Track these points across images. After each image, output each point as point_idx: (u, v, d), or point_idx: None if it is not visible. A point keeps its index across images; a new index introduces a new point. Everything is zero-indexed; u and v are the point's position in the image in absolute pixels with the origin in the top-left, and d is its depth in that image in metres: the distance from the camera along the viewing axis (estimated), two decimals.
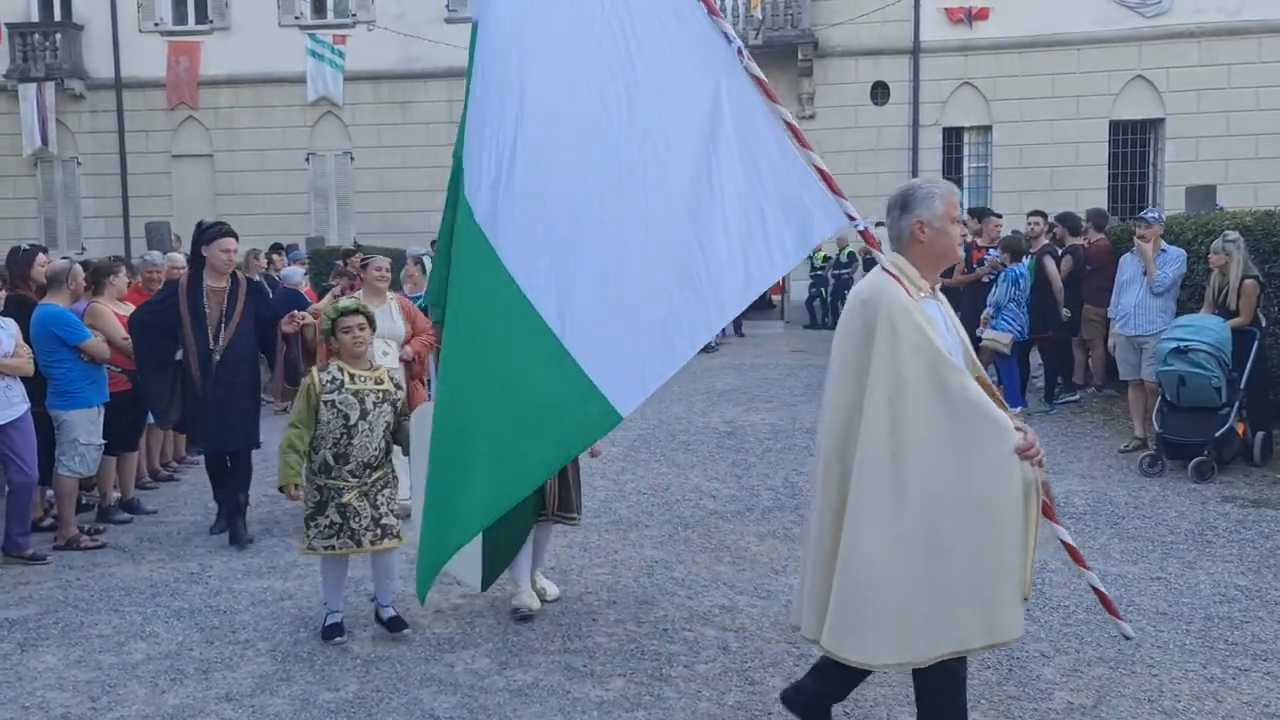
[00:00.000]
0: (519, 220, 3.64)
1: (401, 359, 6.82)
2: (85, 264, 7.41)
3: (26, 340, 6.10)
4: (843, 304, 15.93)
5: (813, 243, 3.68)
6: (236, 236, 6.43)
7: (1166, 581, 5.24)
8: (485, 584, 4.86)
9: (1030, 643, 4.46)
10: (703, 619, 4.84)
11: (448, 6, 21.22)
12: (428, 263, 9.16)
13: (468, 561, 4.51)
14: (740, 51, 3.71)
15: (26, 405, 6.01)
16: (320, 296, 9.98)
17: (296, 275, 10.85)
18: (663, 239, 3.64)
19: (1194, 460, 7.21)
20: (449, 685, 4.19)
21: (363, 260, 7.18)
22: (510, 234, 3.62)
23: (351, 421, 4.52)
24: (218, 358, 6.23)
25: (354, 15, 21.37)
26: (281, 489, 4.55)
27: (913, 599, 2.98)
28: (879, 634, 3.01)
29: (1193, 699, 3.90)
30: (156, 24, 21.89)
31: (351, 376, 4.57)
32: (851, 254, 19.22)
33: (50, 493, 6.68)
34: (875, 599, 3.00)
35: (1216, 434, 7.21)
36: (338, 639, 4.64)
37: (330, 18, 21.70)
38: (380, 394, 4.61)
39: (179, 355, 6.25)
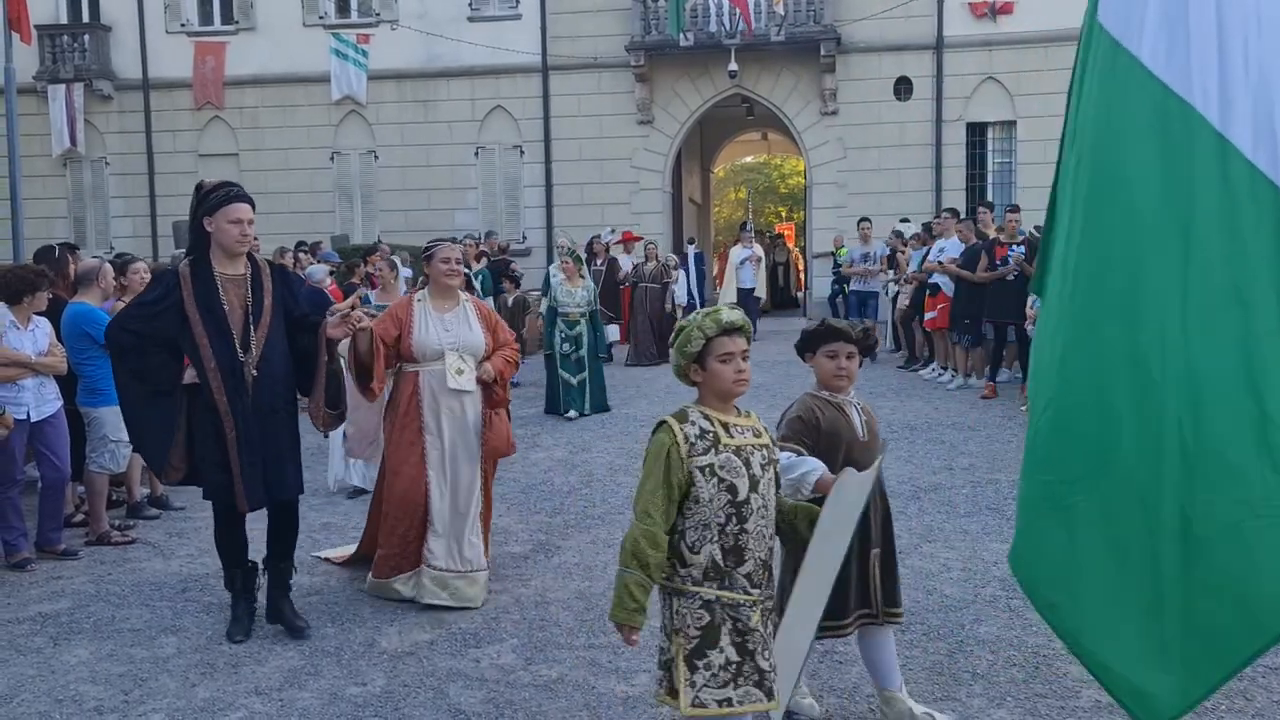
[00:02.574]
0: None
1: (480, 379, 5.21)
2: (114, 262, 7.49)
3: (59, 339, 6.19)
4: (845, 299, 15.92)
5: None
6: (252, 202, 4.64)
7: None
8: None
9: (1056, 641, 4.40)
10: None
11: (470, 5, 21.29)
12: (400, 265, 8.95)
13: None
14: None
15: (60, 402, 6.11)
16: (345, 297, 9.85)
17: (320, 273, 10.68)
18: None
19: None
20: (475, 680, 4.22)
21: (426, 249, 5.39)
22: None
23: (740, 496, 2.86)
24: (252, 373, 4.49)
25: (377, 14, 21.48)
26: (618, 626, 2.88)
27: None
28: None
29: (1222, 697, 3.87)
30: (183, 25, 22.09)
31: (725, 426, 2.92)
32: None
33: (81, 489, 6.76)
34: None
35: None
36: None
37: (354, 17, 21.82)
38: (764, 451, 2.97)
39: (188, 376, 4.51)
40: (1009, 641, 4.45)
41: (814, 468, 3.39)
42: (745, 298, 17.28)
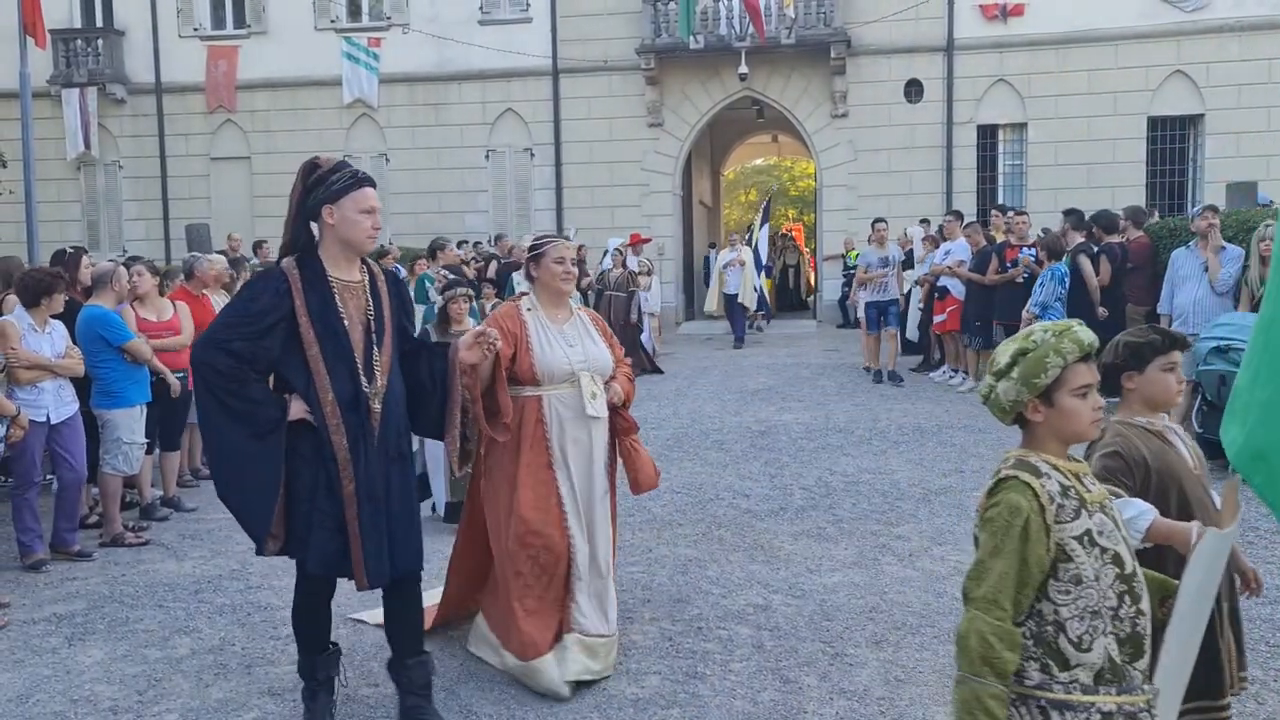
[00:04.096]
0: None
1: (610, 401, 4.38)
2: (128, 266, 7.53)
3: (73, 341, 6.25)
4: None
5: None
6: (375, 184, 3.67)
7: None
8: None
9: None
10: (737, 617, 4.85)
11: (481, 9, 21.35)
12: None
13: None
14: None
15: (76, 404, 6.16)
16: None
17: None
18: None
19: None
20: (487, 682, 4.23)
21: (534, 247, 4.53)
22: None
23: (1127, 568, 2.27)
24: (377, 407, 3.53)
25: (388, 18, 21.55)
26: None
27: None
28: None
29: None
30: (196, 29, 22.20)
31: (1079, 478, 2.31)
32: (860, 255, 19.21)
33: (95, 490, 6.81)
34: None
35: None
36: None
37: (365, 21, 21.89)
38: (1106, 505, 2.33)
39: (294, 412, 3.47)
40: None
41: (1142, 511, 2.71)
42: (730, 305, 16.88)
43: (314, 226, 3.65)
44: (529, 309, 4.38)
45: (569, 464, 4.24)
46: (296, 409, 3.47)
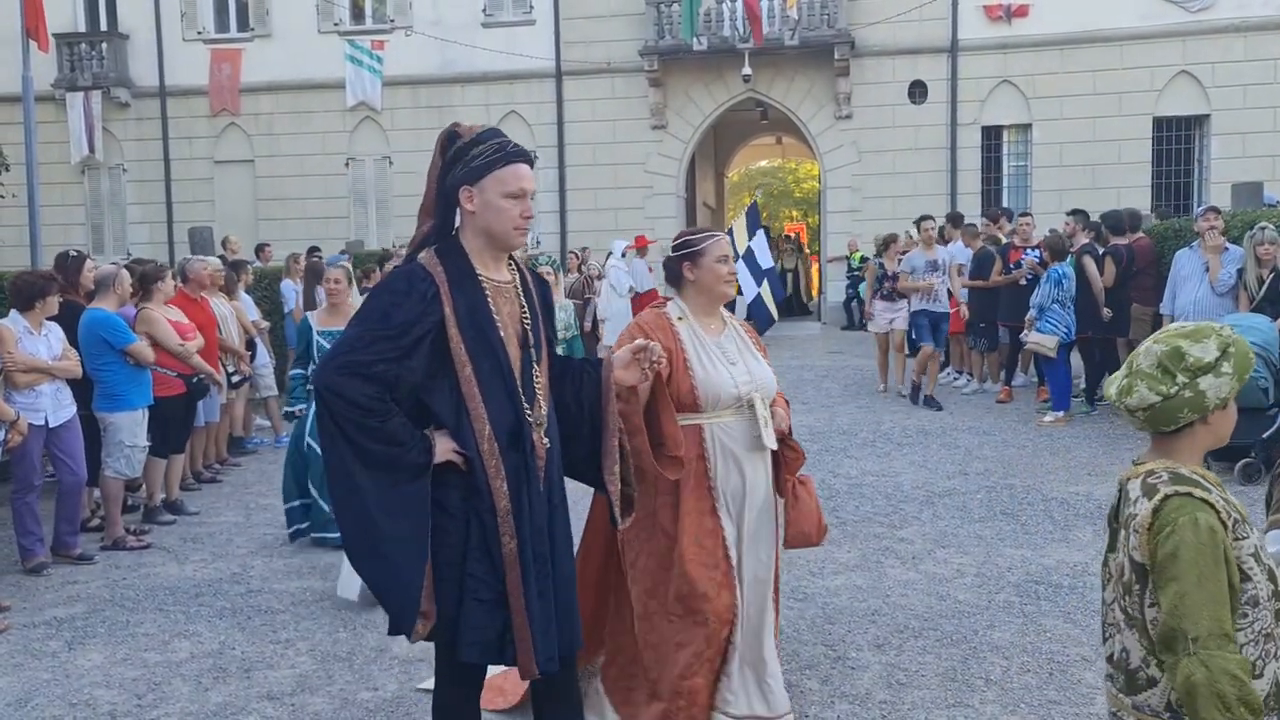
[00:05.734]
0: None
1: (778, 429, 3.60)
2: (130, 268, 7.53)
3: (73, 344, 6.24)
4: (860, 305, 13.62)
5: None
6: (531, 162, 2.90)
7: None
8: None
9: (1072, 646, 4.42)
10: None
11: (484, 11, 21.36)
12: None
13: None
14: None
15: (74, 407, 6.15)
16: None
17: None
18: None
19: (1241, 462, 7.09)
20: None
21: (687, 243, 3.60)
22: None
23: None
24: (542, 441, 2.80)
25: (392, 21, 21.56)
26: None
27: None
28: None
29: None
30: (200, 32, 22.23)
31: (1219, 487, 2.16)
32: (864, 257, 19.11)
33: (97, 493, 6.80)
34: None
35: (1264, 435, 7.08)
36: None
37: (369, 24, 21.90)
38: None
39: (441, 453, 2.67)
40: (1023, 647, 4.42)
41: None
42: None
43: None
44: (679, 318, 3.57)
45: (730, 509, 3.48)
46: (444, 448, 2.67)
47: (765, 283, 15.78)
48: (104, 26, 22.61)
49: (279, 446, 8.89)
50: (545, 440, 2.79)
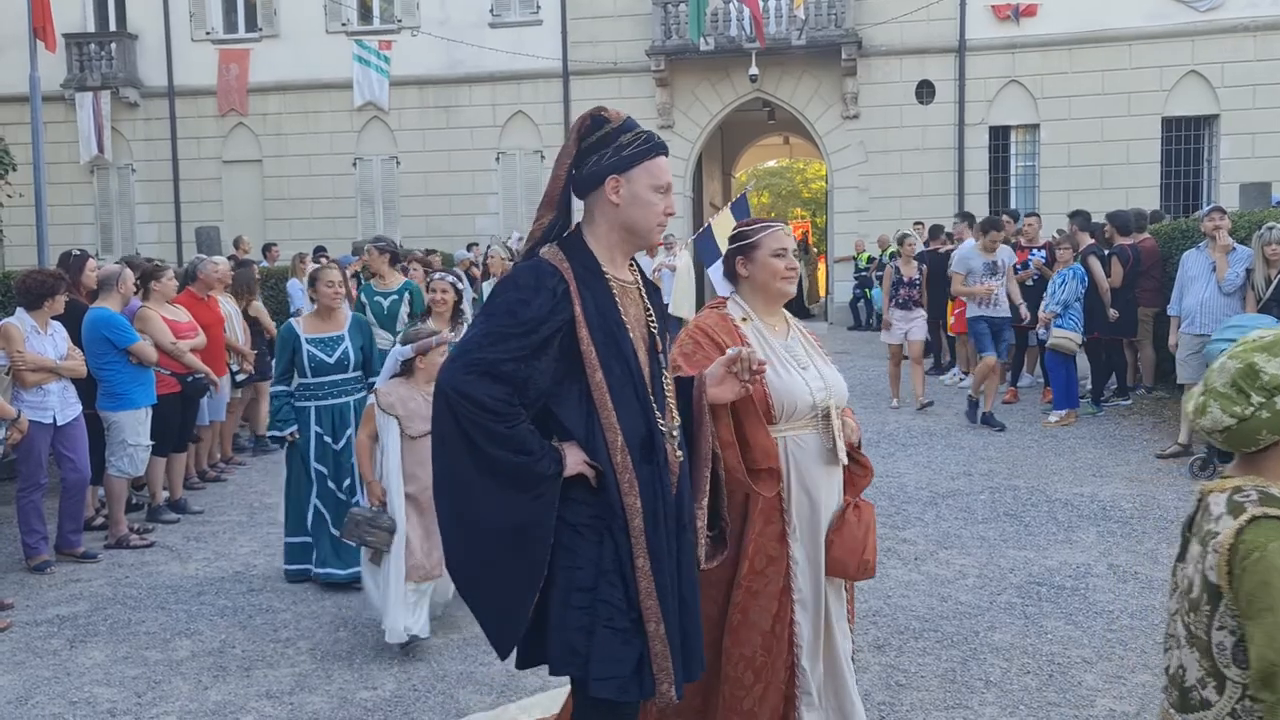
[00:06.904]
0: None
1: (849, 441, 3.13)
2: (130, 263, 7.55)
3: (75, 343, 6.25)
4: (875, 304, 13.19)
5: None
6: (667, 151, 2.63)
7: None
8: None
9: (1072, 649, 4.40)
10: None
11: (491, 11, 21.39)
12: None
13: None
14: None
15: (80, 406, 6.17)
16: None
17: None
18: None
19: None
20: (484, 685, 4.21)
21: (742, 235, 3.24)
22: None
23: None
24: (676, 453, 2.58)
25: (399, 21, 21.60)
26: None
27: None
28: None
29: None
30: (208, 33, 22.30)
31: None
32: (870, 258, 19.09)
33: (101, 492, 6.82)
34: None
35: None
36: None
37: (376, 24, 21.96)
38: None
39: (571, 465, 2.44)
40: (1023, 649, 4.41)
41: None
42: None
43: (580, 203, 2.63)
44: (743, 319, 3.14)
45: (802, 530, 3.03)
46: (574, 459, 2.44)
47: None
48: (113, 27, 22.71)
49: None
50: (679, 452, 2.57)
